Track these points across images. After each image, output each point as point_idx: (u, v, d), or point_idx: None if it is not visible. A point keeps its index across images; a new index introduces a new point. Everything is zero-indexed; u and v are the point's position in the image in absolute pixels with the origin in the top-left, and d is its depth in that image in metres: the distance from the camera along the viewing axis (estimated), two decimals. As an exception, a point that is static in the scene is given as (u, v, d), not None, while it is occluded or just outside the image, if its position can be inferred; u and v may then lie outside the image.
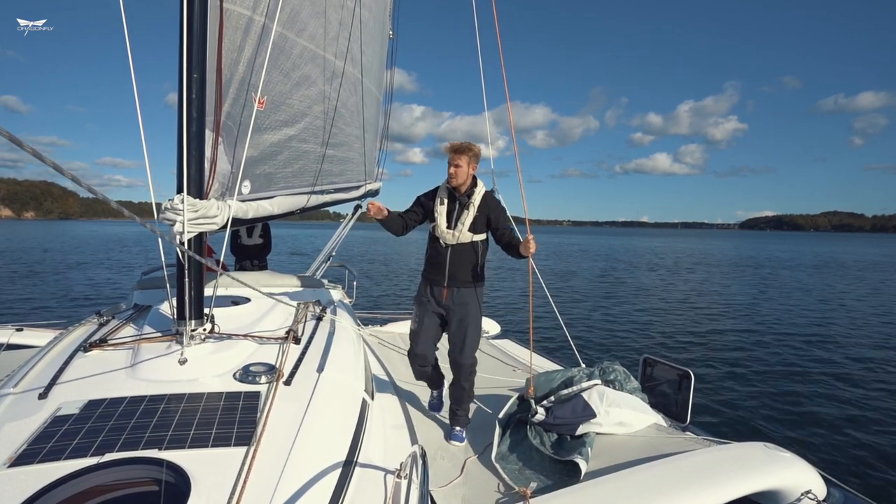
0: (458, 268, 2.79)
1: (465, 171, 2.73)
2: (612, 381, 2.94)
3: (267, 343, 2.21)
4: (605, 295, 15.12)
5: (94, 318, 2.64)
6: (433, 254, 2.83)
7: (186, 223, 2.01)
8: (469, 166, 2.74)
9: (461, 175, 2.73)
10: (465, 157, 2.71)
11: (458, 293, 2.79)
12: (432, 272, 2.83)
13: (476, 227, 2.78)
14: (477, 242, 2.81)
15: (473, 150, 2.74)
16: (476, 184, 2.81)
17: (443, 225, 2.78)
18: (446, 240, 2.77)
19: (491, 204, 2.81)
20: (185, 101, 2.12)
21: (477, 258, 2.82)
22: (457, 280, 2.79)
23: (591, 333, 9.72)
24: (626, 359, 7.62)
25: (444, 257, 2.79)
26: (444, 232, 2.78)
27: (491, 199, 2.83)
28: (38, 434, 1.42)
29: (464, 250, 2.78)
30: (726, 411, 5.66)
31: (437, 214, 2.80)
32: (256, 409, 1.64)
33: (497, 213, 2.81)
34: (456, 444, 2.71)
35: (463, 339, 2.78)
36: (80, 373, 1.84)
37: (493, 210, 2.80)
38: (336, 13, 3.52)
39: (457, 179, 2.74)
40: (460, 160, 2.71)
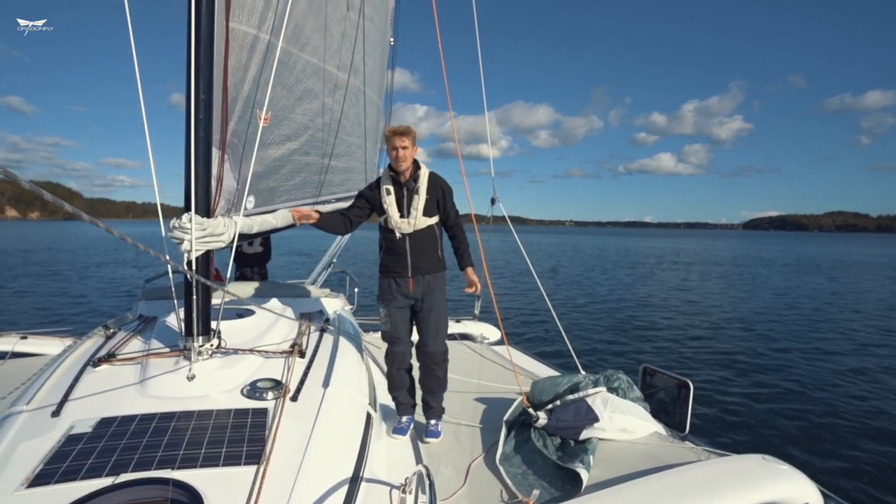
0: (420, 256, 2.75)
1: (411, 152, 2.68)
2: (616, 389, 2.99)
3: (272, 357, 2.26)
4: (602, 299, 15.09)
5: (100, 331, 2.71)
6: (390, 247, 2.77)
7: (194, 242, 2.07)
8: (413, 148, 2.69)
9: (408, 157, 2.67)
10: (408, 139, 2.65)
11: (424, 281, 2.76)
12: (393, 265, 2.77)
13: (429, 211, 2.73)
14: (433, 226, 2.78)
15: (413, 132, 2.69)
16: (419, 167, 2.76)
17: (395, 215, 2.71)
18: (402, 229, 2.71)
19: (439, 185, 2.77)
20: (193, 122, 2.18)
21: (436, 242, 2.80)
22: (421, 269, 2.75)
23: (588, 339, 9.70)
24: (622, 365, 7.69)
25: (403, 248, 2.73)
26: (398, 222, 2.71)
27: (437, 179, 2.78)
28: (54, 454, 1.48)
29: (422, 236, 2.74)
30: (725, 421, 5.67)
31: (386, 206, 2.73)
32: (265, 427, 1.69)
33: (445, 194, 2.78)
34: (432, 441, 2.75)
35: (435, 326, 2.78)
36: (90, 389, 1.89)
37: (441, 192, 2.76)
38: (339, 26, 3.57)
39: (405, 162, 2.67)
40: (405, 142, 2.64)
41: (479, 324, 5.45)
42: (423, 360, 2.83)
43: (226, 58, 2.47)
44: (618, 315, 12.29)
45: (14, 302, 12.79)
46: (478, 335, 5.25)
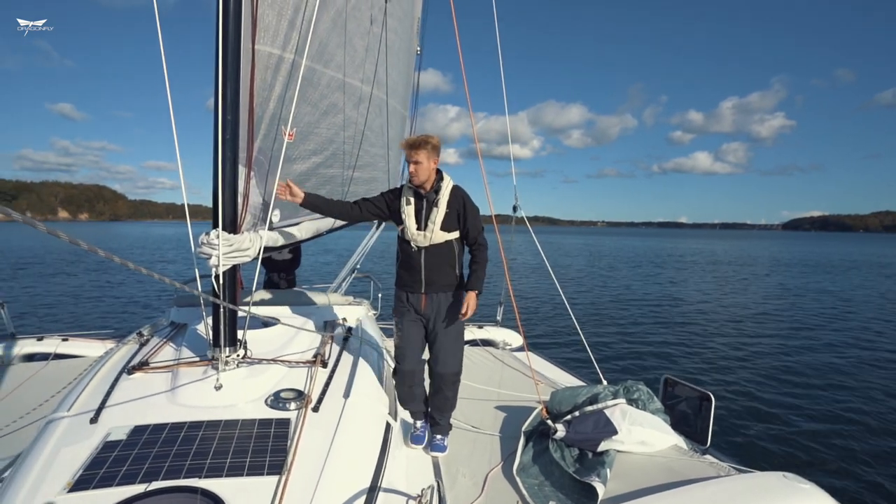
0: (435, 271, 2.64)
1: (427, 166, 2.56)
2: (636, 401, 2.98)
3: (296, 367, 2.36)
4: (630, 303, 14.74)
5: (135, 338, 2.88)
6: (405, 259, 2.68)
7: (222, 257, 2.18)
8: (430, 161, 2.56)
9: (422, 172, 2.56)
10: (424, 152, 2.53)
11: (437, 299, 2.66)
12: (407, 279, 2.69)
13: (448, 225, 2.61)
14: (452, 241, 2.64)
15: (431, 143, 2.55)
16: (442, 178, 2.64)
17: (412, 226, 2.61)
18: (418, 242, 2.61)
19: (460, 200, 2.64)
20: (221, 143, 2.29)
21: (454, 258, 2.66)
22: (434, 285, 2.65)
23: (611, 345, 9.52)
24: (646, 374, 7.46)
25: (417, 261, 2.63)
26: (414, 234, 2.61)
27: (460, 193, 2.66)
28: (92, 460, 1.59)
29: (438, 251, 2.63)
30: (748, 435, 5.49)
31: (404, 216, 2.64)
32: (287, 437, 1.78)
33: (466, 210, 2.64)
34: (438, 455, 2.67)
35: (447, 347, 2.67)
36: (125, 396, 2.02)
37: (463, 207, 2.63)
38: (362, 40, 3.66)
39: (418, 177, 2.56)
40: (419, 156, 2.53)
41: (502, 329, 5.47)
42: (433, 378, 2.74)
43: (251, 79, 2.58)
44: (644, 321, 12.02)
45: (60, 301, 13.50)
46: (500, 341, 5.27)
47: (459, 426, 3.07)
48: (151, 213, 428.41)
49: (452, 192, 2.63)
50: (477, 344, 5.16)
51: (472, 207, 2.67)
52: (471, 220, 2.66)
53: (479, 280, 2.66)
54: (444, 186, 2.62)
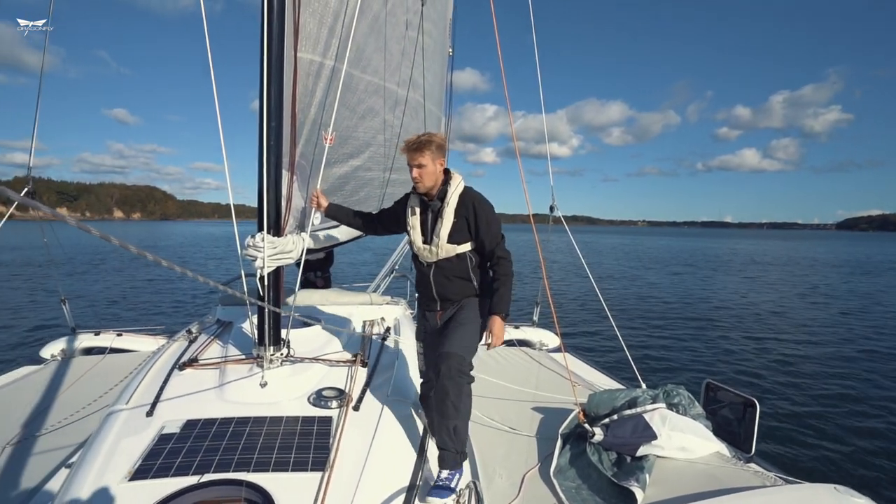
0: (447, 288, 2.35)
1: (432, 169, 2.25)
2: (676, 405, 2.91)
3: (336, 366, 2.44)
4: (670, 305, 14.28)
5: (185, 335, 3.04)
6: (419, 275, 2.45)
7: (266, 259, 2.28)
8: (435, 163, 2.26)
9: (427, 176, 2.26)
10: (428, 154, 2.23)
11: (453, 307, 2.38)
12: (422, 296, 2.46)
13: (457, 237, 2.27)
14: (464, 255, 2.30)
15: (435, 142, 2.26)
16: (449, 180, 2.30)
17: (418, 240, 2.36)
18: (425, 257, 2.35)
19: (470, 205, 2.25)
20: (266, 149, 2.39)
21: (468, 272, 2.31)
22: (449, 302, 2.37)
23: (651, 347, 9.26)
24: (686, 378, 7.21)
25: (428, 277, 2.36)
26: (421, 249, 2.36)
27: (470, 197, 2.28)
28: (149, 451, 1.71)
29: (449, 267, 2.32)
30: (795, 444, 5.23)
31: (410, 228, 2.39)
32: (329, 435, 1.85)
33: (477, 217, 2.25)
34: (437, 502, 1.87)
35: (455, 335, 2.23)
36: (177, 391, 2.15)
37: (474, 214, 2.25)
38: (398, 44, 3.72)
39: (423, 183, 2.27)
40: (422, 158, 2.23)
41: (538, 330, 5.44)
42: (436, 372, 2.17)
43: (294, 86, 2.67)
44: (685, 323, 11.63)
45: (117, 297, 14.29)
46: (536, 342, 5.24)
47: (496, 426, 3.09)
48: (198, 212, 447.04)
49: (461, 197, 2.27)
50: (513, 344, 5.16)
51: (484, 213, 2.26)
52: (483, 228, 2.26)
53: (504, 301, 2.24)
54: (451, 191, 2.27)
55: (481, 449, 2.75)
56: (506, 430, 3.07)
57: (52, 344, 4.40)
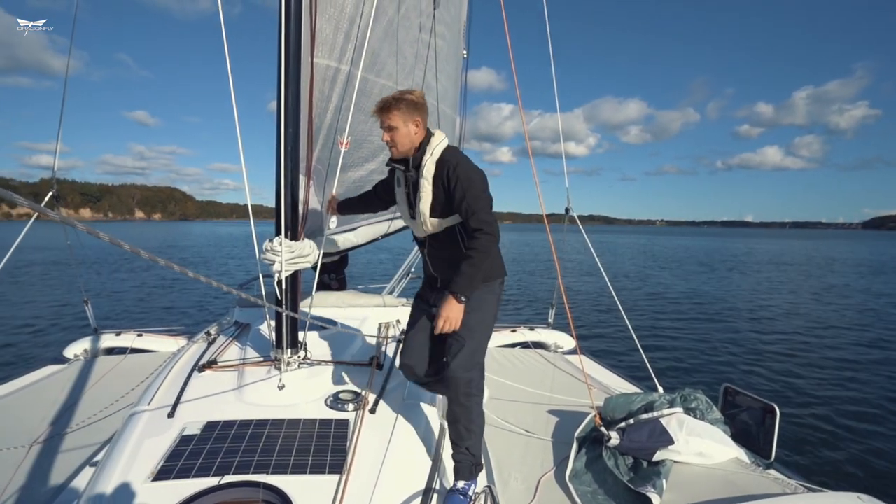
0: (441, 268, 2.16)
1: (405, 132, 2.01)
2: (694, 410, 2.89)
3: (353, 368, 2.47)
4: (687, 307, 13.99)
5: (203, 336, 3.11)
6: (420, 251, 2.27)
7: (284, 263, 2.32)
8: (408, 124, 2.00)
9: (400, 140, 2.02)
10: (396, 114, 1.99)
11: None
12: (425, 273, 2.31)
13: (439, 209, 2.00)
14: (453, 229, 2.05)
15: (405, 99, 2.01)
16: (426, 144, 2.03)
17: (405, 213, 2.17)
18: (416, 232, 2.17)
19: (446, 171, 1.95)
20: (283, 154, 2.42)
21: (460, 249, 2.02)
22: (445, 282, 2.11)
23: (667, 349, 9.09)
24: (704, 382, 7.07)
25: (424, 255, 2.19)
26: (409, 222, 2.17)
27: (447, 160, 1.97)
28: (171, 452, 1.75)
29: (440, 244, 2.09)
30: (815, 450, 5.09)
31: (398, 201, 2.21)
32: (346, 438, 1.88)
33: (453, 184, 1.93)
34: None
35: (454, 344, 2.02)
36: (196, 393, 2.20)
37: (448, 178, 1.94)
38: (412, 48, 3.74)
39: (396, 148, 2.04)
40: (390, 119, 2.00)
41: (553, 332, 5.42)
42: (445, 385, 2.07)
43: (310, 91, 2.71)
44: (703, 326, 11.41)
45: (140, 298, 14.59)
46: (551, 344, 5.22)
47: (511, 430, 3.09)
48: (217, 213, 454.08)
49: (438, 164, 1.98)
50: (528, 346, 5.15)
51: (462, 177, 1.93)
52: (459, 193, 1.92)
53: (465, 280, 1.91)
54: (428, 158, 1.98)
55: (496, 452, 2.75)
56: (521, 434, 3.07)
57: (75, 344, 4.51)
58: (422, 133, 2.06)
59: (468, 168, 1.96)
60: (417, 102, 2.03)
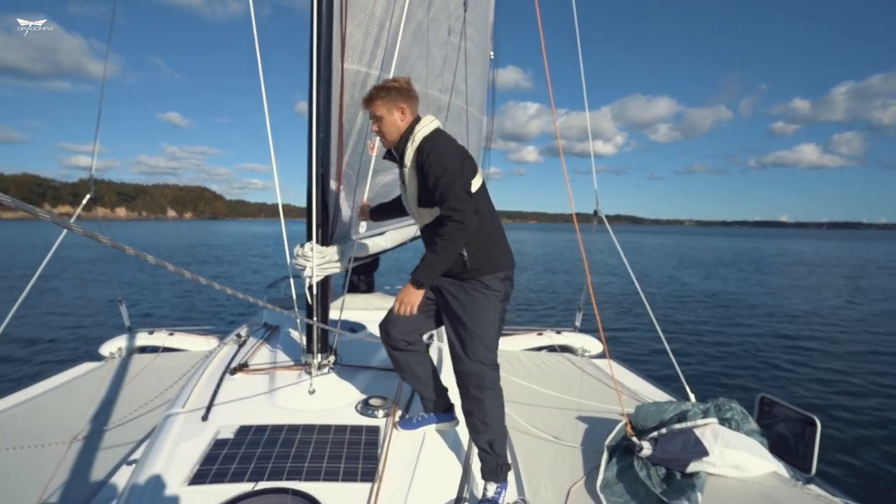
0: None
1: (391, 120, 1.98)
2: (729, 420, 2.80)
3: (381, 373, 2.48)
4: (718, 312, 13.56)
5: (234, 338, 3.16)
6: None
7: (315, 268, 2.34)
8: (393, 112, 1.98)
9: (387, 129, 2.00)
10: (380, 103, 1.98)
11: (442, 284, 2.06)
12: None
13: (425, 198, 1.95)
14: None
15: (388, 87, 1.98)
16: (412, 131, 1.97)
17: (406, 206, 2.14)
18: (417, 223, 2.14)
19: (422, 157, 1.90)
20: (315, 160, 2.45)
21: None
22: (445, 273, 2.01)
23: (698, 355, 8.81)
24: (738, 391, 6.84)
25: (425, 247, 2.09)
26: (411, 213, 2.13)
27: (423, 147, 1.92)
28: (206, 456, 1.79)
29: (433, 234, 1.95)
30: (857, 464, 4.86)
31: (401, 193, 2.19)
32: (377, 445, 1.89)
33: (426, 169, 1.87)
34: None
35: (453, 342, 1.99)
36: (229, 396, 2.24)
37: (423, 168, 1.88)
38: (440, 51, 3.73)
39: (385, 137, 2.04)
40: (375, 109, 1.99)
41: (580, 335, 5.34)
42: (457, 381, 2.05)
43: (341, 97, 2.73)
44: (736, 331, 11.03)
45: (172, 296, 15.02)
46: (578, 347, 5.15)
47: (540, 436, 3.06)
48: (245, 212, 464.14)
49: (417, 150, 1.94)
50: (554, 349, 5.09)
51: (434, 164, 1.84)
52: (432, 181, 1.84)
53: (424, 266, 1.84)
54: (409, 145, 1.95)
55: (525, 458, 2.73)
56: (550, 440, 3.03)
57: (111, 342, 4.66)
58: (408, 120, 2.02)
59: (442, 153, 1.87)
60: (401, 89, 1.99)
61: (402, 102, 1.98)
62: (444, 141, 1.94)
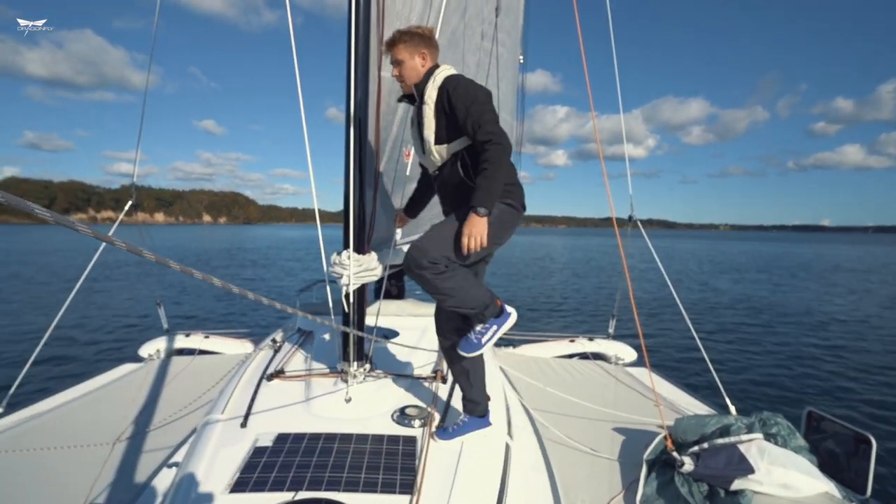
0: (452, 201, 2.04)
1: (412, 64, 2.02)
2: (774, 436, 2.69)
3: (417, 381, 2.48)
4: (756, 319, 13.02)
5: (269, 344, 3.21)
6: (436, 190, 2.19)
7: (352, 277, 2.36)
8: (414, 56, 2.02)
9: (407, 73, 2.03)
10: (402, 47, 2.01)
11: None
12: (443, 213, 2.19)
13: (443, 135, 1.95)
14: (457, 155, 1.96)
15: (412, 32, 2.03)
16: (432, 73, 2.00)
17: (418, 150, 2.11)
18: (428, 167, 2.13)
19: (445, 93, 1.92)
20: (352, 169, 2.47)
21: (460, 177, 1.96)
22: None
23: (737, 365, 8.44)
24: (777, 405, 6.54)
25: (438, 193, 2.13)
26: (422, 158, 2.11)
27: (449, 83, 1.93)
28: (246, 464, 1.81)
29: (448, 174, 1.99)
30: None
31: (413, 139, 2.16)
32: (414, 456, 1.88)
33: (452, 102, 1.88)
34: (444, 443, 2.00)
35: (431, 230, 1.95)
36: (266, 403, 2.27)
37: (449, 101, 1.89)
38: (473, 56, 3.73)
39: (406, 82, 2.06)
40: (398, 53, 2.02)
41: (613, 343, 5.23)
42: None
43: (378, 105, 2.76)
44: (777, 340, 10.56)
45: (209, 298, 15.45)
46: (612, 355, 5.04)
47: (575, 447, 3.00)
48: (277, 217, 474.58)
49: (440, 88, 1.95)
50: (587, 357, 5.00)
51: (462, 93, 1.87)
52: (462, 111, 1.85)
53: (483, 192, 1.79)
54: (430, 84, 1.97)
55: (561, 470, 2.68)
56: (586, 452, 2.97)
57: (149, 344, 4.80)
58: (429, 66, 2.06)
59: (469, 85, 1.91)
60: (424, 35, 2.05)
61: (423, 48, 2.03)
62: (468, 79, 1.98)
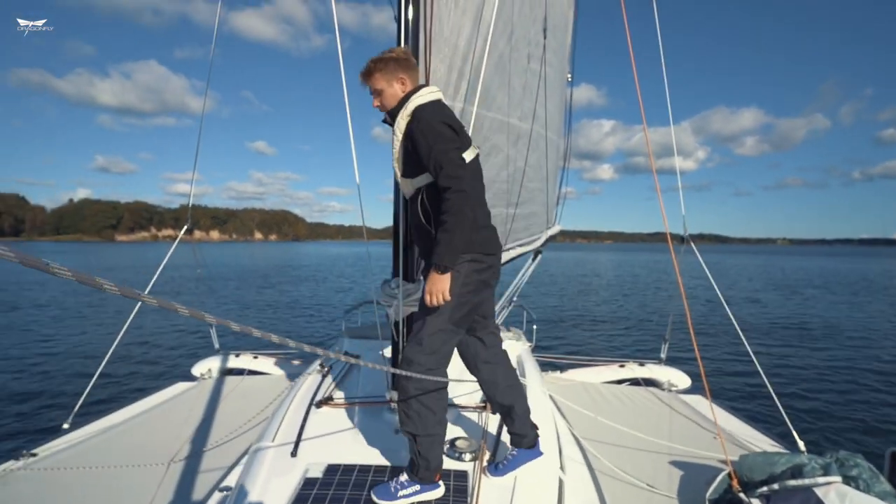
0: (416, 235, 1.98)
1: (390, 92, 1.93)
2: (854, 478, 2.46)
3: (465, 411, 2.44)
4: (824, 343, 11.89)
5: (317, 368, 3.24)
6: None
7: (401, 304, 2.37)
8: (394, 83, 1.92)
9: (388, 101, 1.94)
10: (379, 76, 1.92)
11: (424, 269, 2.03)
12: None
13: (408, 168, 1.88)
14: (421, 189, 1.87)
15: (385, 59, 1.92)
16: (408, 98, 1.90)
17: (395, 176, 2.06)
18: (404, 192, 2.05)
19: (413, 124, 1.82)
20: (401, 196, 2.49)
21: (419, 216, 1.89)
22: (424, 252, 1.97)
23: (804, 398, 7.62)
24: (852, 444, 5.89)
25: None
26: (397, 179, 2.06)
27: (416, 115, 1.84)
28: (297, 496, 1.82)
29: (412, 215, 1.93)
30: None
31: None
32: (466, 492, 1.84)
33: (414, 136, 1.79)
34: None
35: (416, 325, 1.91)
36: (316, 431, 2.28)
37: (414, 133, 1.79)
38: (520, 79, 3.73)
39: (386, 110, 1.99)
40: (375, 82, 1.93)
41: (666, 368, 4.98)
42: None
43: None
44: (850, 369, 9.55)
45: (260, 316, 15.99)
46: (664, 381, 4.81)
47: (629, 481, 2.86)
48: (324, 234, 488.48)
49: (409, 116, 1.87)
50: (638, 383, 4.79)
51: (426, 129, 1.77)
52: (423, 146, 1.76)
53: (442, 247, 1.69)
54: (402, 112, 1.88)
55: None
56: (642, 488, 2.82)
57: (201, 363, 4.94)
58: (409, 89, 1.96)
59: (434, 119, 1.79)
60: (399, 59, 1.94)
61: (401, 73, 1.93)
62: (438, 110, 1.87)
